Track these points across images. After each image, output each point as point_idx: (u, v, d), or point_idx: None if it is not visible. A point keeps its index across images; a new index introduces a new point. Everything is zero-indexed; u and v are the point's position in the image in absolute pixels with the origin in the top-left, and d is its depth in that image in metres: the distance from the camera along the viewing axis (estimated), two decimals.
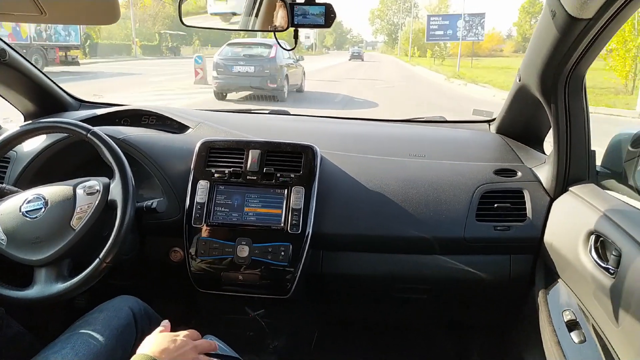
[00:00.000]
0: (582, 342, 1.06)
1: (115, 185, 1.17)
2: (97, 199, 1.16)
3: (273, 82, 10.00)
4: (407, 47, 62.00)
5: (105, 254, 1.10)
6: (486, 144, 1.63)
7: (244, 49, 10.51)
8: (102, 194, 1.17)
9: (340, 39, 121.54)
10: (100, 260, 1.10)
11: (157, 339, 0.90)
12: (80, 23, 1.06)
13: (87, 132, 1.19)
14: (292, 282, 1.32)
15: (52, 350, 0.97)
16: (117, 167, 1.17)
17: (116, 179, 1.17)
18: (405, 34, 64.24)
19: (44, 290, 1.09)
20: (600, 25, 0.97)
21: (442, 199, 1.36)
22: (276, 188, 1.35)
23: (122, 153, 1.20)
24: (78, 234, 1.12)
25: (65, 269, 1.13)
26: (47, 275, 1.11)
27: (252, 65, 10.03)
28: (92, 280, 1.10)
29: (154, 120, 1.69)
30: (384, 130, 1.79)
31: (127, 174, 1.17)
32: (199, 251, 1.32)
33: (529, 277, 1.38)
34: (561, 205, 1.29)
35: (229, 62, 10.14)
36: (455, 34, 28.83)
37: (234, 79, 10.08)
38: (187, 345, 0.90)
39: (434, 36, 30.64)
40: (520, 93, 1.41)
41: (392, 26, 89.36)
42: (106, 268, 1.11)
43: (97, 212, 1.15)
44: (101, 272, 1.10)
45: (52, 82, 1.74)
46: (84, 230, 1.13)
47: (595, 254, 1.05)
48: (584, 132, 1.23)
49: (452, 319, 1.79)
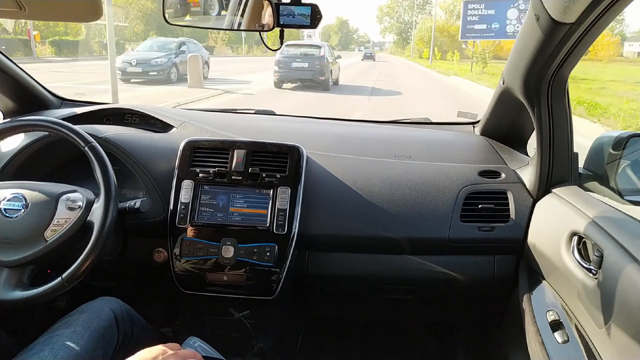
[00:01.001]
0: (566, 342, 1.08)
1: (98, 207, 1.14)
2: (76, 215, 1.14)
3: (322, 75, 13.29)
4: (421, 47, 57.20)
5: (68, 276, 1.08)
6: (471, 146, 1.64)
7: (300, 49, 13.80)
8: (82, 212, 1.15)
9: (346, 39, 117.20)
10: (61, 280, 1.08)
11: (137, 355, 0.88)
12: (60, 20, 1.03)
13: (85, 145, 1.16)
14: (277, 282, 1.31)
15: (30, 353, 0.95)
16: (105, 188, 1.14)
17: (100, 200, 1.14)
18: (420, 32, 59.61)
19: (0, 293, 1.08)
20: (583, 29, 0.98)
21: (427, 200, 1.37)
22: (261, 188, 1.34)
23: (114, 176, 1.17)
24: (49, 246, 1.11)
25: (26, 276, 1.11)
26: (7, 279, 1.09)
27: (307, 62, 13.23)
28: (48, 297, 1.08)
29: (137, 119, 1.67)
30: (370, 131, 1.79)
31: (111, 198, 1.14)
32: (183, 252, 1.31)
33: (513, 278, 1.39)
34: (544, 207, 1.30)
35: (288, 59, 13.29)
36: (504, 29, 20.96)
37: (292, 73, 13.34)
38: (166, 353, 0.89)
39: (472, 32, 22.22)
40: (504, 96, 1.43)
41: (402, 24, 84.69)
42: (66, 288, 1.09)
43: (72, 229, 1.13)
44: (60, 290, 1.09)
45: (32, 79, 1.71)
46: (56, 244, 1.11)
47: (577, 255, 1.06)
48: (567, 135, 1.24)
49: (437, 319, 1.80)
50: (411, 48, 63.25)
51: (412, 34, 75.03)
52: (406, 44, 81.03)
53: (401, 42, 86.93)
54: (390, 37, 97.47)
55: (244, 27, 1.17)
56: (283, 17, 1.04)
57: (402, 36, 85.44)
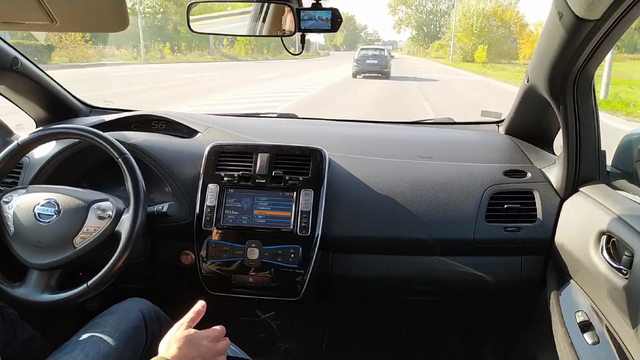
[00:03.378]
0: (596, 344, 1.05)
1: (127, 219, 1.17)
2: (105, 225, 1.18)
3: (386, 68, 19.00)
4: (466, 43, 37.28)
5: (93, 284, 1.13)
6: (495, 145, 1.62)
7: (371, 51, 19.62)
8: (111, 222, 1.18)
9: (353, 37, 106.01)
10: (87, 287, 1.13)
11: (179, 343, 0.90)
12: (90, 31, 1.06)
13: (119, 156, 1.20)
14: (302, 284, 1.32)
15: (63, 352, 0.98)
16: (134, 200, 1.18)
17: (130, 212, 1.17)
18: (466, 21, 38.01)
19: (29, 294, 1.13)
20: (608, 25, 0.96)
21: (451, 201, 1.36)
22: (285, 191, 1.35)
23: (144, 187, 1.20)
24: (77, 252, 1.15)
25: (54, 279, 1.16)
26: (37, 281, 1.14)
27: (376, 60, 18.87)
28: (73, 302, 1.13)
29: (163, 125, 1.70)
30: (392, 132, 1.79)
31: (139, 210, 1.17)
32: (209, 254, 1.34)
33: (540, 278, 1.37)
34: (572, 206, 1.28)
35: (363, 57, 18.98)
36: None
37: (366, 67, 18.81)
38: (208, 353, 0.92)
39: None
40: (529, 94, 1.41)
41: (424, 15, 64.28)
42: (91, 294, 1.13)
43: (101, 238, 1.17)
44: (85, 296, 1.13)
45: (62, 88, 1.76)
46: (84, 251, 1.16)
47: (607, 255, 1.04)
48: (594, 132, 1.22)
49: (463, 321, 1.78)
50: (451, 49, 38.72)
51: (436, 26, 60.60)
52: (427, 42, 61.53)
53: (421, 39, 64.59)
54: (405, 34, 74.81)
55: (266, 33, 1.19)
56: (304, 22, 1.04)
57: (422, 31, 64.16)
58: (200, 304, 0.99)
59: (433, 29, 63.92)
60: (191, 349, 0.90)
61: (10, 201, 1.20)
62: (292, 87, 14.33)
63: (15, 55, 1.49)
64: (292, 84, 15.40)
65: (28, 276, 1.15)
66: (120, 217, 1.19)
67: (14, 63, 1.49)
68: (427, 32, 64.40)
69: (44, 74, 1.65)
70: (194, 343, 0.92)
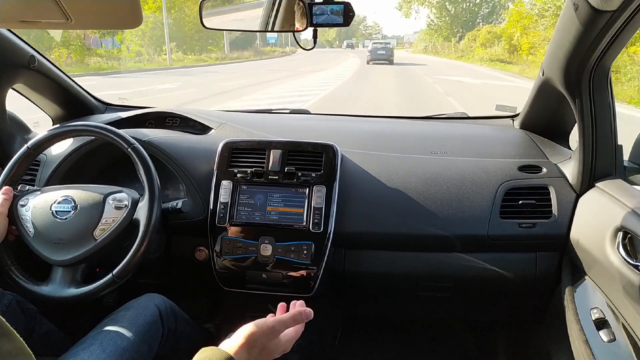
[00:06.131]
0: (612, 341, 1.04)
1: (143, 206, 1.20)
2: (123, 214, 1.20)
3: (392, 56, 25.80)
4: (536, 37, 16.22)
5: (118, 272, 1.15)
6: (510, 140, 1.60)
7: (380, 44, 26.93)
8: (128, 211, 1.21)
9: (348, 31, 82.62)
10: (112, 276, 1.15)
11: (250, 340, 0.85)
12: (105, 27, 1.08)
13: (128, 146, 1.23)
14: (315, 280, 1.33)
15: (81, 347, 1.00)
16: (148, 187, 1.21)
17: (145, 199, 1.20)
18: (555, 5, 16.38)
19: (56, 291, 1.15)
20: (626, 16, 0.94)
21: (464, 197, 1.35)
22: (298, 187, 1.36)
23: (156, 175, 1.23)
24: (98, 244, 1.17)
25: (79, 274, 1.18)
26: (63, 277, 1.17)
27: (384, 51, 25.56)
28: (100, 293, 1.16)
29: (177, 121, 1.72)
30: (405, 127, 1.78)
31: (155, 196, 1.20)
32: (223, 250, 1.35)
33: (555, 275, 1.35)
34: (587, 202, 1.26)
35: (374, 49, 25.81)
36: None
37: (377, 56, 25.33)
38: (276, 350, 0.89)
39: None
40: (544, 87, 1.39)
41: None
42: (117, 284, 1.16)
43: (120, 228, 1.19)
44: (111, 285, 1.16)
45: (78, 86, 1.79)
46: (105, 242, 1.18)
47: (623, 251, 1.02)
48: (610, 127, 1.20)
49: (477, 317, 1.77)
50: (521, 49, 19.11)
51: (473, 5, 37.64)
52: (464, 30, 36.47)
53: (446, 29, 39.54)
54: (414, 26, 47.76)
55: (278, 28, 1.19)
56: (316, 17, 1.04)
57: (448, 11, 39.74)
58: (307, 311, 0.95)
59: (467, 10, 39.34)
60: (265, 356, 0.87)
61: (26, 204, 1.22)
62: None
63: (33, 54, 1.51)
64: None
65: (53, 273, 1.18)
66: (136, 205, 1.22)
67: (31, 61, 1.51)
68: (455, 13, 39.77)
69: (61, 72, 1.67)
70: (269, 351, 0.88)
